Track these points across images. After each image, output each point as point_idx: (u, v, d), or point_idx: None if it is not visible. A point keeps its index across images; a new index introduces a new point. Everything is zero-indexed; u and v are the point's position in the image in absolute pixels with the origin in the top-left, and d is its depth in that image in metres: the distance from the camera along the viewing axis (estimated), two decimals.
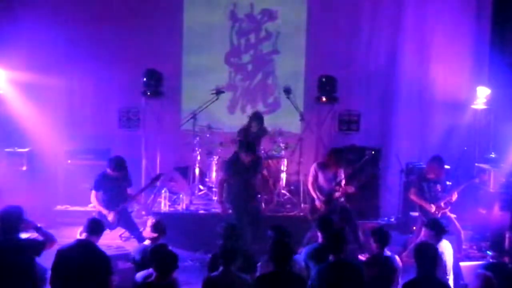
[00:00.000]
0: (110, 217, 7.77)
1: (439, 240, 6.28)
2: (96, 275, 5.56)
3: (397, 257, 6.07)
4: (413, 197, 8.14)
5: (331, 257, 5.53)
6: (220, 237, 6.16)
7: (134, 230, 7.97)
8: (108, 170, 7.89)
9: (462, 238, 7.87)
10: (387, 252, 5.98)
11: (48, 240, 5.68)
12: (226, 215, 7.89)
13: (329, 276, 5.37)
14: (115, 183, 7.87)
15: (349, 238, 8.01)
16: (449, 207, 8.00)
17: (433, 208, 7.91)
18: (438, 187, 8.03)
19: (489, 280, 5.05)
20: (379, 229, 6.14)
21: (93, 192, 7.90)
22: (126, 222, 7.97)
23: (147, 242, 6.43)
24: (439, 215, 7.81)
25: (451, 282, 6.30)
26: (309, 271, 5.86)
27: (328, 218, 6.55)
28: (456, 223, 7.90)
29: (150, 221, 6.46)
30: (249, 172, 7.92)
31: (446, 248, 6.37)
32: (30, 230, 5.84)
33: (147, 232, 6.42)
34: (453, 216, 7.97)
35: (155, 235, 6.31)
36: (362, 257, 7.23)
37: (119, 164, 7.84)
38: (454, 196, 8.00)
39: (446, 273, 6.28)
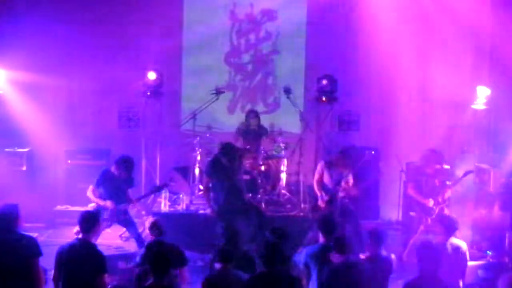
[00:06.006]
0: (108, 204, 7.66)
1: (449, 236, 6.18)
2: (91, 273, 5.54)
3: (393, 256, 6.01)
4: (410, 191, 8.15)
5: (334, 258, 5.46)
6: (219, 237, 6.16)
7: (134, 231, 7.94)
8: (113, 169, 7.93)
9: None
10: (384, 252, 5.93)
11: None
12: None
13: (335, 278, 5.31)
14: (116, 183, 7.88)
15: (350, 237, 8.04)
16: (447, 202, 7.99)
17: (430, 203, 7.90)
18: (436, 181, 8.03)
19: None
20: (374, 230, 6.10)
21: (91, 187, 7.87)
22: (127, 222, 7.96)
23: None
24: (437, 210, 7.80)
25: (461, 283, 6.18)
26: (310, 271, 5.84)
27: (330, 219, 6.47)
28: None
29: (148, 222, 6.47)
30: (234, 174, 7.86)
31: (461, 245, 6.23)
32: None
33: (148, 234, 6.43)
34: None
35: (153, 238, 6.29)
36: (363, 256, 7.20)
37: (128, 165, 7.91)
38: (448, 193, 7.99)
39: (460, 274, 6.10)
